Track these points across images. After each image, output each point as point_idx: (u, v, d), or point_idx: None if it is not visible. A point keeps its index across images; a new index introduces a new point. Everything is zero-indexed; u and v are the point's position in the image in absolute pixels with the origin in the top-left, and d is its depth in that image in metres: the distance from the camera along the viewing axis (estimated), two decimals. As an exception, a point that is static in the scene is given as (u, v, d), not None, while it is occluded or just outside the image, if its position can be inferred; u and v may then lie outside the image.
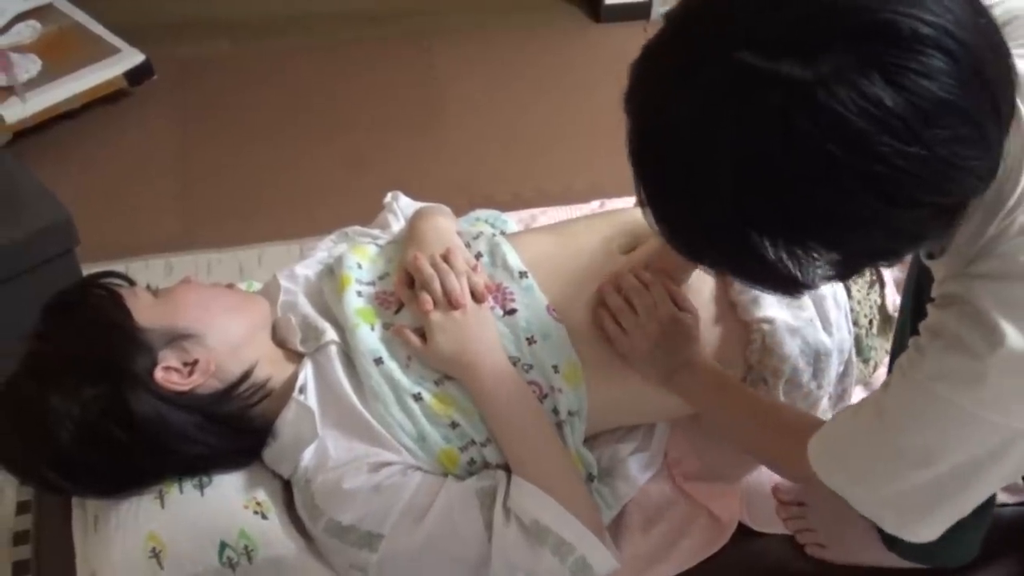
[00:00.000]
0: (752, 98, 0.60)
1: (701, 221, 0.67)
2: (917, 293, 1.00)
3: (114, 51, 2.48)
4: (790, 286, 0.68)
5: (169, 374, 1.01)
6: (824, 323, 1.16)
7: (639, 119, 0.68)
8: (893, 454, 0.79)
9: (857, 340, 1.20)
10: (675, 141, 0.65)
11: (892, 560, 1.12)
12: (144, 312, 1.03)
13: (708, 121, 0.62)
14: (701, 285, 1.16)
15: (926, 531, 0.82)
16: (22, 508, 1.63)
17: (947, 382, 0.73)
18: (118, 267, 1.16)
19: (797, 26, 0.60)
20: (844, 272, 0.69)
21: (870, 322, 1.21)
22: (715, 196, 0.64)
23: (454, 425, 1.05)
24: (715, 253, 0.70)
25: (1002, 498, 1.17)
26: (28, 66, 2.39)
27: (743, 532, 1.17)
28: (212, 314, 1.06)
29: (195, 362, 1.03)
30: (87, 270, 1.70)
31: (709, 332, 1.14)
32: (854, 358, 1.20)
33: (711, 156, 0.63)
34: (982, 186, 0.67)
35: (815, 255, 0.64)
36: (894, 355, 1.10)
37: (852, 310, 1.19)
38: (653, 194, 0.70)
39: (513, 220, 1.45)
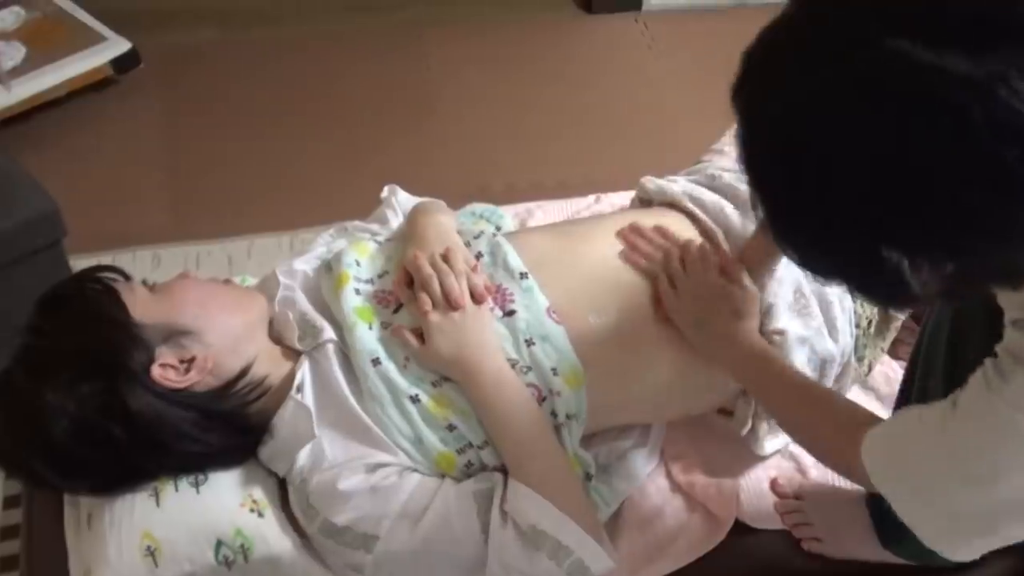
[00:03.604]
0: (921, 93, 0.53)
1: (829, 223, 0.60)
2: (955, 315, 0.95)
3: (100, 39, 2.44)
4: (897, 297, 0.62)
5: (166, 371, 1.00)
6: (831, 330, 1.16)
7: (760, 110, 0.61)
8: (951, 470, 0.76)
9: (855, 341, 1.20)
10: (810, 135, 0.58)
11: (888, 556, 1.12)
12: (141, 308, 1.02)
13: (859, 114, 0.55)
14: None
15: (965, 552, 0.80)
16: (10, 503, 1.61)
17: None
18: (105, 258, 1.15)
19: (962, 19, 0.53)
20: (953, 290, 0.62)
21: (869, 323, 1.21)
22: (855, 197, 0.57)
23: (451, 428, 1.04)
24: (832, 259, 0.63)
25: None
26: (12, 53, 2.35)
27: (739, 528, 1.16)
28: (210, 311, 1.05)
29: (192, 359, 1.02)
30: (74, 262, 1.67)
31: None
32: (852, 359, 1.20)
33: (858, 153, 0.56)
34: None
35: (936, 266, 0.58)
36: (912, 371, 1.07)
37: (856, 312, 1.19)
38: (770, 190, 0.63)
39: (509, 214, 1.44)
